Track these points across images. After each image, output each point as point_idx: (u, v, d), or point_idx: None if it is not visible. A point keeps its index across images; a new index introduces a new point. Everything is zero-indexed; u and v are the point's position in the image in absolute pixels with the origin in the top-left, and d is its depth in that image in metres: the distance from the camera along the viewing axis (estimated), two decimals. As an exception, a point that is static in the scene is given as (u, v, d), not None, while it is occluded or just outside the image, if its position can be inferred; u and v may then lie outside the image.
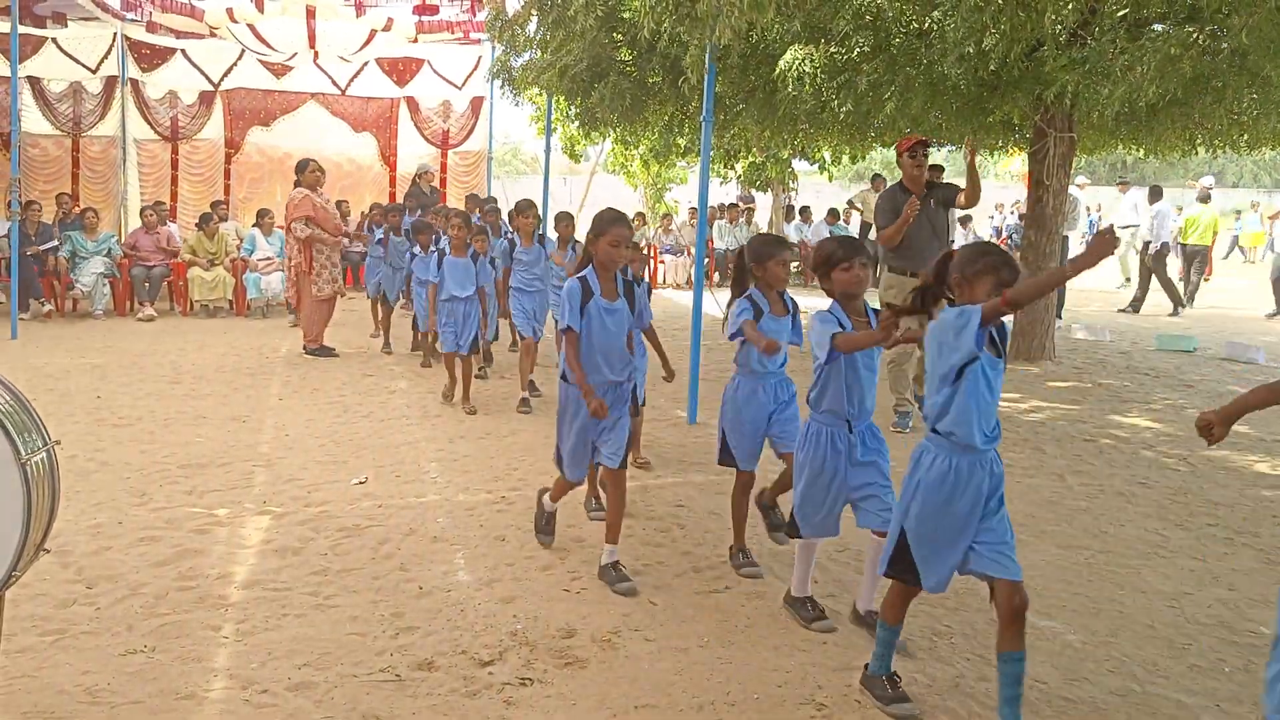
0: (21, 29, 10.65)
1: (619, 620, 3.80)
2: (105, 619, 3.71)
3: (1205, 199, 15.97)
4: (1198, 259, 16.19)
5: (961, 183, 7.11)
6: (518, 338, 8.61)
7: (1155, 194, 15.05)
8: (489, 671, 3.38)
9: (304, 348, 9.49)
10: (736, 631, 3.73)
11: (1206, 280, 18.41)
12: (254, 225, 12.80)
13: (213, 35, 13.58)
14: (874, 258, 6.61)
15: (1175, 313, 14.58)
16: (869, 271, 3.75)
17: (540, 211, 13.10)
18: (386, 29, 13.52)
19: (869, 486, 3.65)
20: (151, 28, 13.64)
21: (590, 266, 4.19)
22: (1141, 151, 10.97)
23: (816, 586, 4.18)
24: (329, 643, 3.56)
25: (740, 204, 19.46)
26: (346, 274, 12.78)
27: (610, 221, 4.15)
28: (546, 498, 4.53)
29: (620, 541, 4.20)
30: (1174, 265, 16.29)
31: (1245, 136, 9.12)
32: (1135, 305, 14.85)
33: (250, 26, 13.09)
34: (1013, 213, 25.29)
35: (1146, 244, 14.68)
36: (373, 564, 4.34)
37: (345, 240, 10.58)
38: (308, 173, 9.32)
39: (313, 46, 14.06)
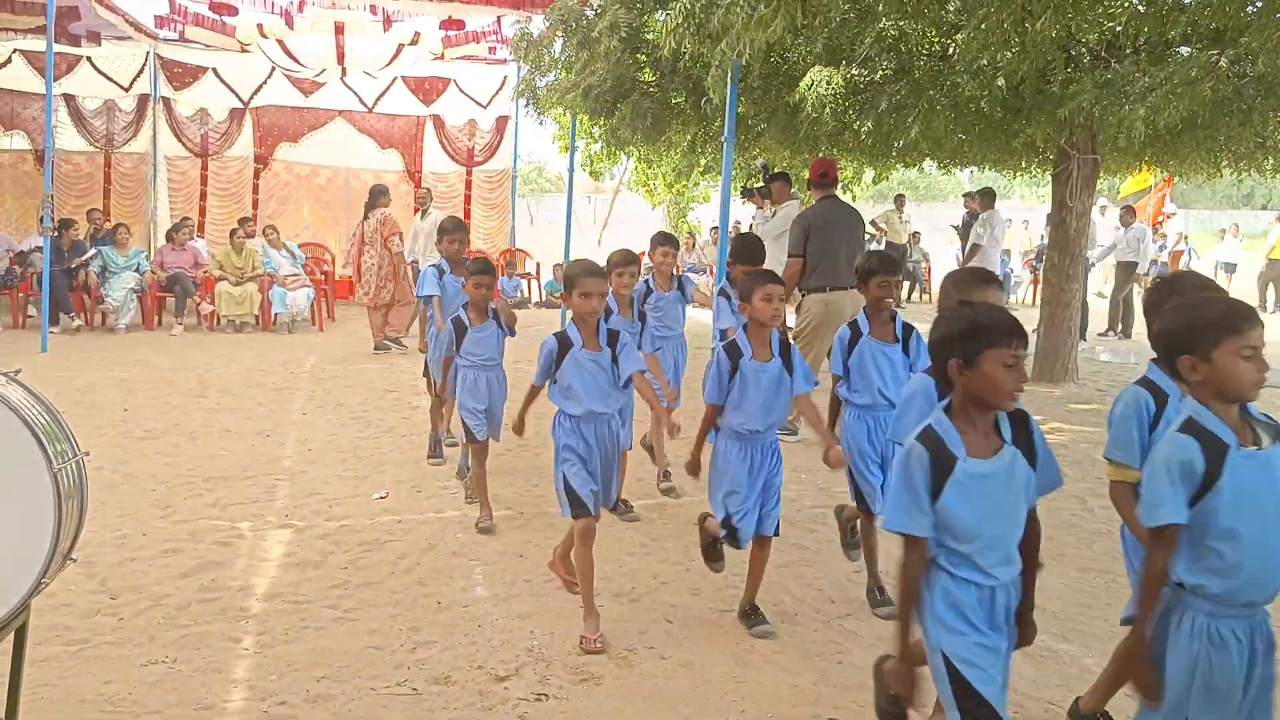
0: (57, 48, 10.86)
1: (635, 638, 3.81)
2: (128, 629, 3.77)
3: None
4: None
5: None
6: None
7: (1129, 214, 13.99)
8: (505, 687, 3.40)
9: (375, 345, 10.83)
10: (751, 650, 3.74)
11: None
12: (265, 241, 12.90)
13: (243, 51, 13.80)
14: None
15: (1106, 333, 13.85)
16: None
17: (565, 231, 13.25)
18: (414, 43, 13.64)
19: None
20: (184, 39, 13.87)
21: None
22: (1165, 174, 10.90)
23: (834, 606, 4.19)
24: (348, 656, 3.60)
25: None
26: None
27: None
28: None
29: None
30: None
31: (1271, 160, 9.06)
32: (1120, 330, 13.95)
33: (280, 42, 13.27)
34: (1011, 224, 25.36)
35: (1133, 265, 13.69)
36: (392, 578, 4.38)
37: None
38: (386, 196, 11.10)
39: (341, 63, 14.23)
